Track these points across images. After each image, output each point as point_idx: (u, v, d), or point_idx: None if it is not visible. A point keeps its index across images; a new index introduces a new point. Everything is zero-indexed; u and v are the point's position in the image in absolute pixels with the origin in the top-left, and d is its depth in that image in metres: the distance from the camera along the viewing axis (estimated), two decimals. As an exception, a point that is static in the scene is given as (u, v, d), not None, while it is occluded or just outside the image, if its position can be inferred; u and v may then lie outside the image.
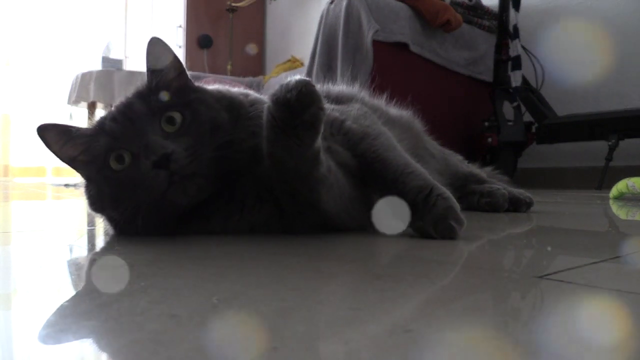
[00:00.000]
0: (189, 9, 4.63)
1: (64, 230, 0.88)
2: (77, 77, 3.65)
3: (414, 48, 2.72)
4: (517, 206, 1.09)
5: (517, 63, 2.68)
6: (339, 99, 1.04)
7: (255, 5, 4.83)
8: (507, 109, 2.84)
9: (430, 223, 0.67)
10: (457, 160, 1.23)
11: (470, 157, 2.99)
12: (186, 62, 4.64)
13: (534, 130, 2.77)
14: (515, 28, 2.71)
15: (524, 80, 2.78)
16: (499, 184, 1.19)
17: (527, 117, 2.82)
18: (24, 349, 0.29)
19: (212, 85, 0.86)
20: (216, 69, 4.67)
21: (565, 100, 2.82)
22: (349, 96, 1.03)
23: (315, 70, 2.67)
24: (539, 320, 0.33)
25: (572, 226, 0.92)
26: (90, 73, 3.57)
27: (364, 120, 0.87)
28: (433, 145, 1.21)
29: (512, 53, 2.69)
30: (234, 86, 1.18)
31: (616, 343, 0.28)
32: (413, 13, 2.72)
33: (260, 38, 5.11)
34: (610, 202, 1.57)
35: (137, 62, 5.14)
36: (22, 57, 5.72)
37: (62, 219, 1.12)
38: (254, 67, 4.94)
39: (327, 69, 2.62)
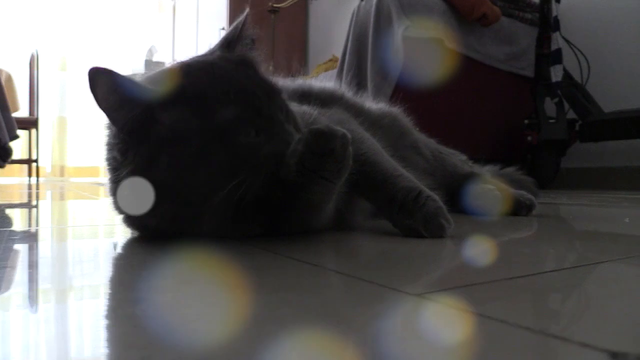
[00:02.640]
0: (231, 11, 4.69)
1: (112, 227, 0.89)
2: (122, 80, 3.76)
3: (449, 44, 2.63)
4: (516, 209, 1.02)
5: (557, 57, 2.54)
6: (320, 97, 1.01)
7: (297, 5, 4.83)
8: (550, 106, 2.71)
9: (421, 221, 0.70)
10: (458, 161, 1.16)
11: (511, 156, 2.88)
12: (229, 64, 4.70)
13: (577, 127, 2.62)
14: (556, 20, 2.57)
15: (567, 75, 2.63)
16: (500, 184, 1.11)
17: (572, 114, 2.68)
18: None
19: None
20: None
21: (612, 96, 2.65)
22: (330, 93, 1.01)
23: (345, 68, 2.64)
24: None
25: (555, 233, 0.84)
26: (134, 76, 3.67)
27: (348, 125, 0.87)
28: (425, 144, 1.15)
29: (553, 46, 2.56)
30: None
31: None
32: (447, 7, 2.63)
33: (302, 38, 5.11)
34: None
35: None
36: (77, 61, 5.99)
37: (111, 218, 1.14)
38: (297, 69, 4.95)
39: (357, 68, 2.58)
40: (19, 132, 4.36)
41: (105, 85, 0.59)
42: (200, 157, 0.60)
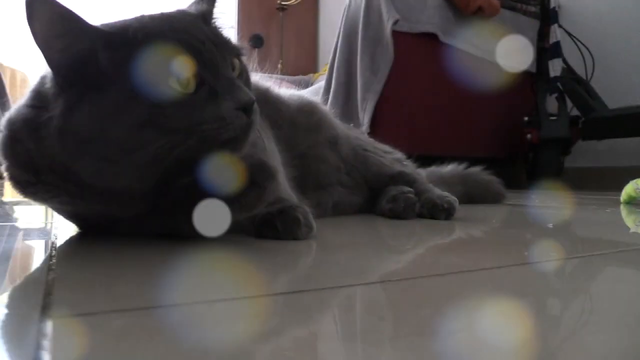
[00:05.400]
0: (240, 9, 4.67)
1: None
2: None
3: (444, 38, 2.54)
4: (433, 213, 0.93)
5: (556, 50, 2.41)
6: None
7: (307, 2, 4.78)
8: (554, 103, 2.58)
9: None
10: (387, 160, 1.07)
11: (513, 155, 2.76)
12: (238, 62, 4.68)
13: (580, 125, 2.48)
14: (554, 11, 2.44)
15: (569, 70, 2.50)
16: (426, 185, 1.02)
17: (576, 111, 2.53)
18: None
19: None
20: (268, 68, 4.66)
21: (618, 92, 2.50)
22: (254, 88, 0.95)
23: (336, 65, 2.57)
24: None
25: (425, 241, 0.76)
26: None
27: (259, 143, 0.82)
28: (348, 139, 1.06)
29: (552, 39, 2.43)
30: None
31: None
32: (443, 1, 2.53)
33: (313, 35, 5.05)
34: (622, 206, 1.35)
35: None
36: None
37: None
38: (307, 66, 4.89)
39: (348, 64, 2.51)
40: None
41: (45, 16, 0.53)
42: (128, 103, 0.54)
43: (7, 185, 0.65)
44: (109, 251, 0.58)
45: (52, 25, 0.54)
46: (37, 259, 0.59)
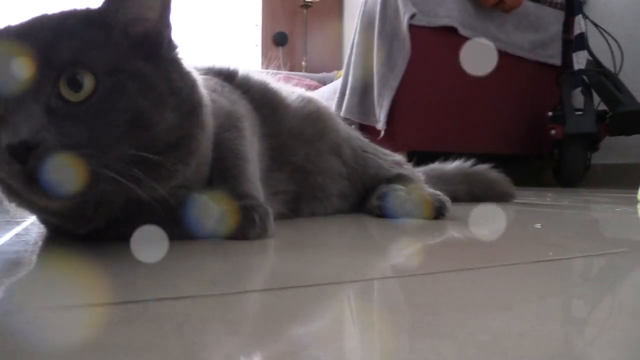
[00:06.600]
0: (265, 7, 4.66)
1: None
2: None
3: (464, 32, 2.47)
4: (422, 211, 0.88)
5: (580, 42, 2.31)
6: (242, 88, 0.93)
7: (331, 0, 4.75)
8: (579, 97, 2.48)
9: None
10: (387, 162, 1.03)
11: (538, 151, 2.67)
12: (263, 60, 4.68)
13: (608, 120, 2.37)
14: (578, 2, 2.34)
15: (597, 63, 2.39)
16: (421, 184, 0.98)
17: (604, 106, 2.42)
18: None
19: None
20: (292, 66, 4.65)
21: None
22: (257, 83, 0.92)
23: (353, 61, 2.53)
24: None
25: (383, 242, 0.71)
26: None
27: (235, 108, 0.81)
28: (350, 143, 1.02)
29: (576, 31, 2.33)
30: (288, 82, 1.11)
31: None
32: (461, -7, 2.46)
33: (337, 32, 5.00)
34: (639, 205, 1.27)
35: (216, 63, 5.24)
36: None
37: None
38: (332, 63, 4.85)
39: (364, 59, 2.46)
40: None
41: None
42: None
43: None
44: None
45: None
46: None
